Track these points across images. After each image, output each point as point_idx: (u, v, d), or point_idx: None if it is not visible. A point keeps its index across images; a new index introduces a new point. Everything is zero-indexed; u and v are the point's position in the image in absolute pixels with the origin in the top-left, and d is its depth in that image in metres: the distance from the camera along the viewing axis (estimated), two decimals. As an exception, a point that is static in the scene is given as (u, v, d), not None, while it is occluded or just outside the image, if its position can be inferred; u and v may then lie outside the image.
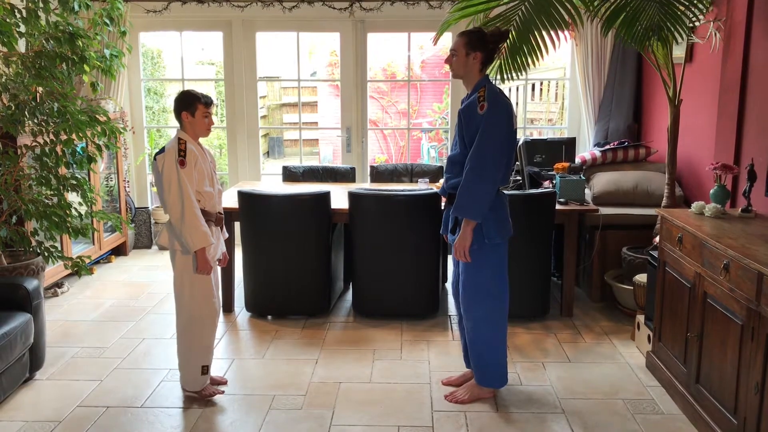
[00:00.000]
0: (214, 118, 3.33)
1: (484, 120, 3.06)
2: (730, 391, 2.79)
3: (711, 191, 3.56)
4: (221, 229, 3.49)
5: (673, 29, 3.85)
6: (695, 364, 3.13)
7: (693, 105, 4.64)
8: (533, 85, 9.99)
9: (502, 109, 3.10)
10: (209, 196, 3.32)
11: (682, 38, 3.98)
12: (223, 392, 3.47)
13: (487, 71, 3.25)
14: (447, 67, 3.30)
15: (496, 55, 3.22)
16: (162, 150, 3.22)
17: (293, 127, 11.34)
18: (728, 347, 2.82)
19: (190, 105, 3.25)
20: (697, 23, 4.12)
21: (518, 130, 4.09)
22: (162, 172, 3.16)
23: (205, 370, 3.39)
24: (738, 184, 3.90)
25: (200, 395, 3.41)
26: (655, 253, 3.76)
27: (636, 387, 3.55)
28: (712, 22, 4.18)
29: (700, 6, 3.86)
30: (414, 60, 9.60)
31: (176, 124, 3.31)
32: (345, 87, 6.27)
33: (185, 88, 3.39)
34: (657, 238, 3.81)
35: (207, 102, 3.28)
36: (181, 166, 3.15)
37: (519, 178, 4.65)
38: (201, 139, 3.38)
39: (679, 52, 4.51)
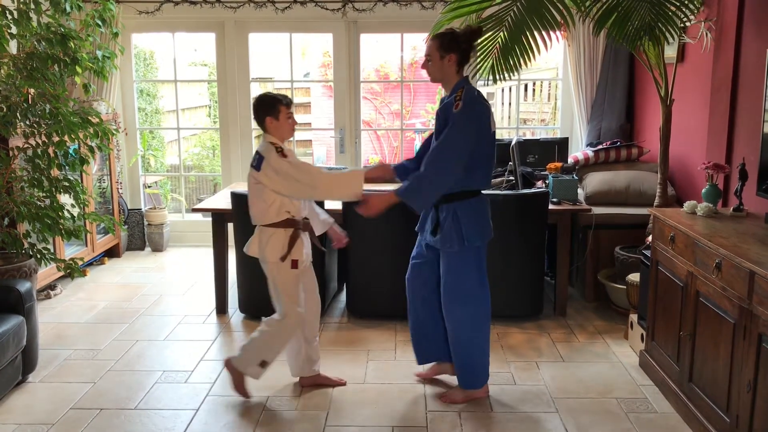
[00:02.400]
0: (206, 119, 3.29)
1: (456, 117, 3.07)
2: (723, 389, 2.80)
3: (703, 191, 3.57)
4: (309, 233, 3.41)
5: (664, 29, 3.87)
6: (688, 363, 3.15)
7: (685, 105, 4.66)
8: (526, 86, 10.01)
9: (477, 111, 3.11)
10: (296, 202, 3.27)
11: (674, 38, 4.00)
12: (250, 397, 3.42)
13: (481, 72, 3.25)
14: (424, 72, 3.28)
15: (472, 54, 3.20)
16: (260, 160, 3.15)
17: (287, 128, 11.30)
18: (720, 346, 2.83)
19: (273, 108, 3.18)
20: (688, 23, 4.14)
21: (511, 131, 4.09)
22: (271, 174, 3.12)
23: (264, 364, 3.35)
24: (730, 184, 3.91)
25: (241, 386, 3.39)
26: (647, 253, 3.78)
27: (629, 386, 3.56)
28: (703, 22, 4.20)
29: (692, 6, 3.88)
30: (407, 60, 9.61)
31: (170, 124, 3.28)
32: (338, 88, 6.27)
33: (264, 92, 3.30)
34: (649, 238, 3.83)
35: (288, 103, 3.22)
36: (283, 157, 3.14)
37: (512, 178, 4.65)
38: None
39: (670, 52, 4.53)
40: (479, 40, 3.86)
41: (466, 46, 3.14)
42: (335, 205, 4.42)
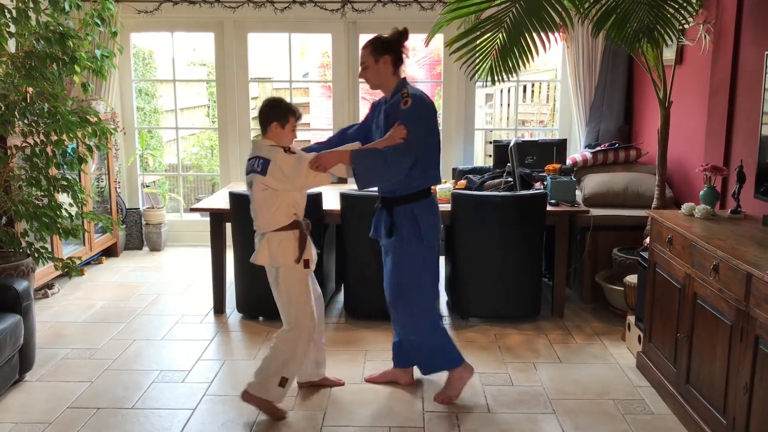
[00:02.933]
0: (205, 119, 3.25)
1: (407, 113, 3.10)
2: (720, 391, 2.81)
3: (701, 193, 3.58)
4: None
5: (663, 31, 3.87)
6: (685, 365, 3.15)
7: (683, 107, 4.67)
8: (524, 87, 10.02)
9: (428, 107, 3.20)
10: (301, 203, 3.24)
11: (672, 40, 4.00)
12: (285, 416, 3.25)
13: (480, 73, 3.27)
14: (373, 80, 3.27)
15: (404, 55, 3.23)
16: (266, 163, 3.07)
17: (285, 128, 11.29)
18: (717, 348, 2.83)
19: (283, 116, 3.12)
20: (686, 25, 4.14)
21: (510, 132, 4.10)
22: (279, 175, 3.05)
23: (284, 382, 3.20)
24: (727, 186, 3.92)
25: (271, 410, 3.23)
26: (645, 254, 3.78)
27: (626, 387, 3.56)
28: (701, 25, 4.21)
29: (690, 8, 3.88)
30: (406, 61, 9.62)
31: (168, 124, 3.26)
32: (337, 88, 6.27)
33: (278, 97, 3.25)
34: (647, 240, 3.83)
35: (299, 117, 3.18)
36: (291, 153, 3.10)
37: (510, 179, 4.66)
38: None
39: (669, 54, 4.53)
40: (478, 42, 3.88)
41: (397, 46, 3.19)
42: (335, 205, 4.43)
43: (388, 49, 3.17)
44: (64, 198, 4.59)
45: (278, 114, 3.14)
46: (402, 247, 3.26)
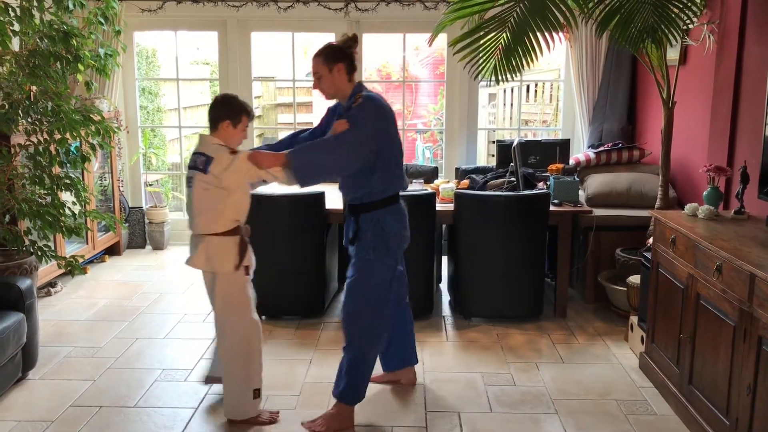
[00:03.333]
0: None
1: (354, 110, 3.00)
2: (723, 392, 2.80)
3: (704, 193, 3.57)
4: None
5: (667, 31, 3.86)
6: (688, 366, 3.15)
7: (687, 107, 4.66)
8: (528, 87, 10.01)
9: (378, 107, 3.04)
10: (244, 208, 3.09)
11: (676, 40, 3.99)
12: (277, 418, 3.23)
13: (484, 73, 3.22)
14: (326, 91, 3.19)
15: (356, 61, 3.14)
16: (209, 162, 2.93)
17: (288, 128, 11.27)
18: (721, 348, 2.83)
19: (236, 115, 3.02)
20: (691, 25, 4.13)
21: (513, 132, 4.09)
22: (218, 174, 2.93)
23: (257, 393, 3.15)
24: (731, 186, 3.91)
25: (256, 421, 3.16)
26: (648, 255, 3.78)
27: (629, 388, 3.56)
28: (705, 25, 4.20)
29: (694, 8, 3.87)
30: (409, 61, 9.61)
31: (171, 123, 3.22)
32: (340, 87, 6.26)
33: (231, 94, 3.15)
34: (650, 240, 3.82)
35: (252, 117, 3.09)
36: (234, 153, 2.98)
37: (513, 179, 4.65)
38: None
39: (673, 54, 4.53)
40: (482, 41, 3.87)
41: (349, 52, 3.08)
42: (338, 205, 4.42)
43: (341, 57, 3.06)
44: (67, 196, 4.60)
45: (231, 112, 3.03)
46: (364, 254, 3.10)
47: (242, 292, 3.10)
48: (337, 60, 3.06)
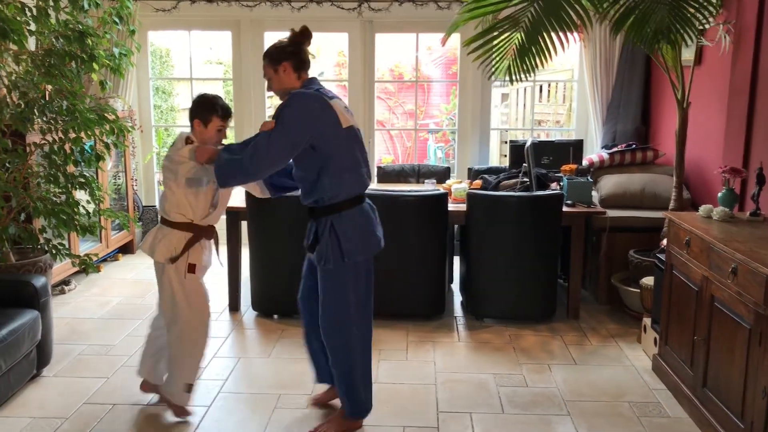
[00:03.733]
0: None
1: (280, 109, 2.87)
2: (737, 395, 2.78)
3: (719, 195, 3.55)
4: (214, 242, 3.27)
5: (682, 31, 3.84)
6: (702, 368, 3.12)
7: (701, 108, 4.63)
8: (541, 87, 9.97)
9: (305, 105, 2.85)
10: (199, 207, 3.08)
11: (692, 40, 3.97)
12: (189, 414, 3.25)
13: (498, 73, 3.18)
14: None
15: (309, 55, 3.01)
16: (172, 145, 3.05)
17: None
18: (735, 351, 2.81)
19: (206, 115, 3.02)
20: (706, 26, 4.10)
21: (526, 132, 4.07)
22: (175, 157, 2.97)
23: (189, 388, 3.18)
24: (746, 188, 3.88)
25: (178, 411, 3.23)
26: (662, 256, 3.75)
27: (642, 390, 3.54)
28: (721, 25, 4.17)
29: (710, 8, 3.84)
30: (422, 60, 9.60)
31: (185, 122, 3.23)
32: (352, 87, 6.27)
33: (204, 92, 3.13)
34: (664, 241, 3.80)
35: (224, 115, 3.05)
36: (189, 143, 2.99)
37: (526, 179, 4.64)
38: None
39: (688, 54, 4.49)
40: (496, 41, 3.85)
41: (292, 49, 2.93)
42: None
43: (285, 56, 2.92)
44: (81, 195, 4.62)
45: (201, 111, 3.03)
46: (323, 263, 2.93)
47: (182, 286, 3.08)
48: (281, 59, 2.93)
